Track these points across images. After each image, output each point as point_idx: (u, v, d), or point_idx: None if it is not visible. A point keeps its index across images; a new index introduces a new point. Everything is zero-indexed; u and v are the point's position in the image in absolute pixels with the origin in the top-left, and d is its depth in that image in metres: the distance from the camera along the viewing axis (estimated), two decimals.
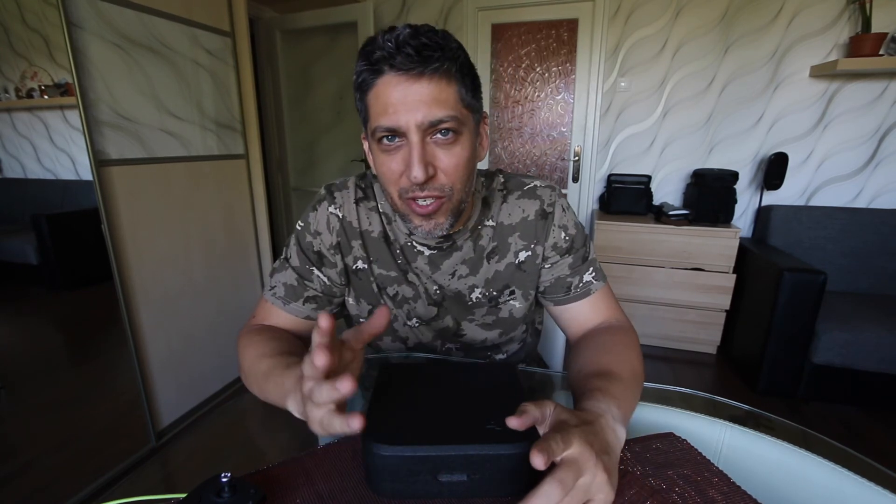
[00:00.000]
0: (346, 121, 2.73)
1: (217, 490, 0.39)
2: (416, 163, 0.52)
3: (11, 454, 1.24)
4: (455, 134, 0.54)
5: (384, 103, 0.52)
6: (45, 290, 1.35)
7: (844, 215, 2.07)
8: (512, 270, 0.70)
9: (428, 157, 0.53)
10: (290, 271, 0.68)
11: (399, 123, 0.52)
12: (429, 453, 0.41)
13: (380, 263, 0.69)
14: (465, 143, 0.55)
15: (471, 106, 0.56)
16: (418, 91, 0.51)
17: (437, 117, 0.51)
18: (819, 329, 1.73)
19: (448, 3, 2.56)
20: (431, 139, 0.53)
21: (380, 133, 0.53)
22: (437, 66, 0.51)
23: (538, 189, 0.69)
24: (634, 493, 0.43)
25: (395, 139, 0.53)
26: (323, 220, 0.68)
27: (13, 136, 1.24)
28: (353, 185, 0.69)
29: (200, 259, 1.76)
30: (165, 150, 1.59)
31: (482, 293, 0.70)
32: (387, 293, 0.70)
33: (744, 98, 2.26)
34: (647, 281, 2.23)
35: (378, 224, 0.69)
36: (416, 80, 0.51)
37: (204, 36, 1.72)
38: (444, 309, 0.71)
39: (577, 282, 0.68)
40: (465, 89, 0.54)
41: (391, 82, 0.51)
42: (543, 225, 0.68)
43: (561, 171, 2.68)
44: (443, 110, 0.52)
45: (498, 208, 0.69)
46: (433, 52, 0.50)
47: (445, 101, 0.52)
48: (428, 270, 0.69)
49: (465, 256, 0.69)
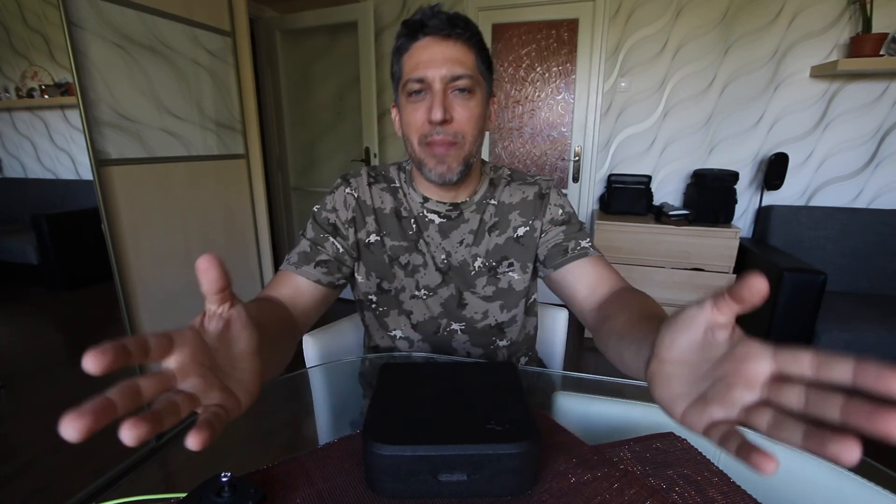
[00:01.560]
0: (346, 121, 2.73)
1: (217, 490, 0.39)
2: (437, 105, 0.62)
3: (11, 454, 1.25)
4: (470, 92, 0.64)
5: (416, 61, 0.63)
6: (45, 290, 1.35)
7: (844, 215, 2.07)
8: (511, 244, 0.76)
9: (447, 104, 0.63)
10: (305, 241, 0.73)
11: (427, 75, 0.62)
12: (429, 453, 0.41)
13: (392, 236, 0.75)
14: (477, 101, 0.66)
15: (484, 75, 0.67)
16: (444, 50, 0.62)
17: (458, 73, 0.62)
18: (819, 329, 1.73)
19: (448, 4, 2.56)
20: (451, 92, 0.64)
21: (410, 84, 0.64)
22: (461, 32, 0.63)
23: (539, 180, 0.79)
24: (634, 493, 0.43)
25: (422, 93, 0.64)
26: (340, 199, 0.75)
27: (13, 136, 1.24)
28: (365, 172, 0.78)
29: None
30: (165, 150, 1.59)
31: (483, 262, 0.76)
32: (398, 262, 0.76)
33: (744, 98, 2.26)
34: (647, 281, 2.23)
35: (390, 201, 0.76)
36: (444, 41, 0.63)
37: (204, 36, 1.73)
38: (448, 277, 0.76)
39: (574, 245, 0.72)
40: (480, 60, 0.66)
41: (424, 44, 0.63)
42: (541, 204, 0.76)
43: (561, 171, 2.68)
44: (462, 68, 0.63)
45: (501, 190, 0.78)
46: (459, 21, 0.63)
47: (465, 62, 0.63)
48: (438, 238, 0.76)
49: (472, 227, 0.76)
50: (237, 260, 1.97)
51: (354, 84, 2.58)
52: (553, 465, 0.47)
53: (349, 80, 2.62)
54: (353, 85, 2.61)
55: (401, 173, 0.77)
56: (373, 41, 2.45)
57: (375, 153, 2.63)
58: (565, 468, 0.46)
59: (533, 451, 0.42)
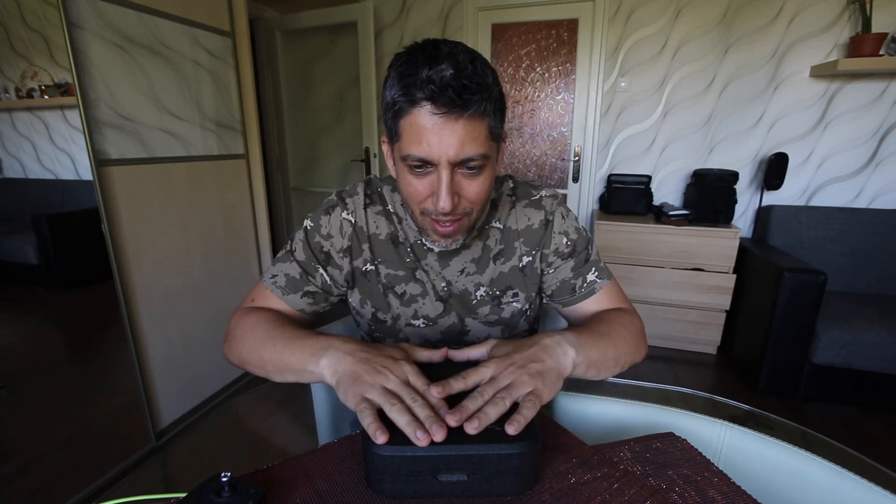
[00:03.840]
0: (346, 121, 2.73)
1: (217, 490, 0.39)
2: (444, 194, 0.55)
3: (11, 454, 1.24)
4: (481, 167, 0.56)
5: (418, 134, 0.53)
6: (45, 290, 1.35)
7: (844, 215, 2.07)
8: (515, 273, 0.73)
9: (455, 187, 0.56)
10: (295, 264, 0.69)
11: (432, 156, 0.53)
12: (429, 453, 0.41)
13: (387, 264, 0.72)
14: (488, 173, 0.58)
15: (497, 136, 0.58)
16: (454, 130, 0.52)
17: (468, 155, 0.54)
18: (819, 329, 1.73)
19: (448, 3, 2.56)
20: (458, 170, 0.56)
21: (411, 161, 0.55)
22: (475, 108, 0.52)
23: (543, 199, 0.73)
24: (634, 493, 0.43)
25: (424, 167, 0.56)
26: (336, 224, 0.70)
27: (13, 136, 1.24)
28: (361, 191, 0.72)
29: (200, 259, 1.76)
30: (165, 150, 1.59)
31: (486, 291, 0.73)
32: (394, 292, 0.72)
33: (744, 98, 2.26)
34: (647, 281, 2.23)
35: (385, 227, 0.71)
36: (454, 121, 0.52)
37: (204, 36, 1.73)
38: (449, 305, 0.73)
39: (581, 283, 0.71)
40: (494, 122, 0.56)
41: (428, 116, 0.52)
42: (544, 233, 0.72)
43: (561, 171, 2.68)
44: (473, 148, 0.54)
45: (507, 213, 0.73)
46: (473, 94, 0.51)
47: (477, 138, 0.54)
48: (437, 267, 0.72)
49: (474, 255, 0.72)
50: (237, 260, 1.97)
51: (354, 84, 2.58)
52: (553, 466, 0.47)
53: (349, 81, 2.62)
54: (353, 85, 2.61)
55: (395, 195, 0.72)
56: (373, 41, 2.45)
57: (375, 153, 2.62)
58: (565, 468, 0.46)
59: (533, 451, 0.42)
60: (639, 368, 2.16)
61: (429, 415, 0.43)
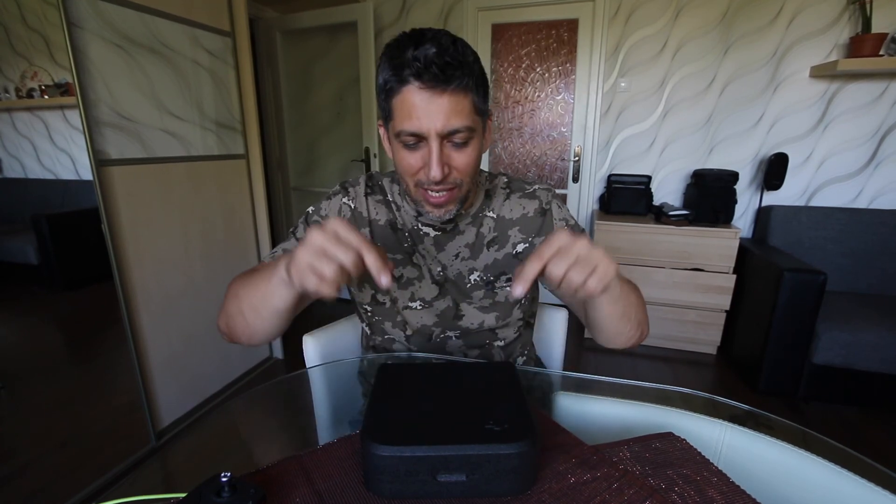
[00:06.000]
0: (346, 121, 2.72)
1: (217, 490, 0.39)
2: (434, 165, 0.59)
3: (11, 454, 1.24)
4: (467, 140, 0.61)
5: (409, 110, 0.58)
6: (45, 290, 1.35)
7: (844, 215, 2.07)
8: (509, 259, 0.76)
9: (444, 158, 0.61)
10: (294, 241, 0.73)
11: (422, 129, 0.58)
12: (428, 453, 0.41)
13: (386, 249, 0.75)
14: (475, 144, 0.63)
15: (482, 111, 0.63)
16: (440, 103, 0.57)
17: (455, 127, 0.58)
18: (819, 329, 1.73)
19: (448, 3, 2.56)
20: (447, 142, 0.60)
21: (404, 136, 0.60)
22: (458, 83, 0.57)
23: (538, 191, 0.78)
24: (634, 493, 0.43)
25: (416, 143, 0.61)
26: (335, 207, 0.75)
27: (13, 136, 1.24)
28: (363, 181, 0.78)
29: (200, 259, 1.77)
30: (165, 150, 1.59)
31: (480, 276, 0.76)
32: (392, 275, 0.73)
33: (744, 98, 2.26)
34: (647, 281, 2.23)
35: (385, 214, 0.76)
36: (440, 95, 0.57)
37: (204, 36, 1.73)
38: (444, 289, 0.76)
39: None
40: (478, 98, 0.61)
41: (416, 92, 0.57)
42: (542, 221, 0.75)
43: (561, 172, 2.68)
44: (459, 120, 0.58)
45: (500, 203, 0.77)
46: (455, 70, 0.56)
47: (461, 111, 0.59)
48: (433, 251, 0.75)
49: (468, 240, 0.75)
50: (237, 260, 1.97)
51: (354, 84, 2.58)
52: (552, 466, 0.47)
53: (349, 81, 2.62)
54: (353, 85, 2.61)
55: (394, 185, 0.77)
56: (373, 41, 2.45)
57: (375, 153, 2.63)
58: (565, 468, 0.46)
59: (531, 450, 0.42)
60: (639, 368, 2.16)
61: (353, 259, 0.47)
